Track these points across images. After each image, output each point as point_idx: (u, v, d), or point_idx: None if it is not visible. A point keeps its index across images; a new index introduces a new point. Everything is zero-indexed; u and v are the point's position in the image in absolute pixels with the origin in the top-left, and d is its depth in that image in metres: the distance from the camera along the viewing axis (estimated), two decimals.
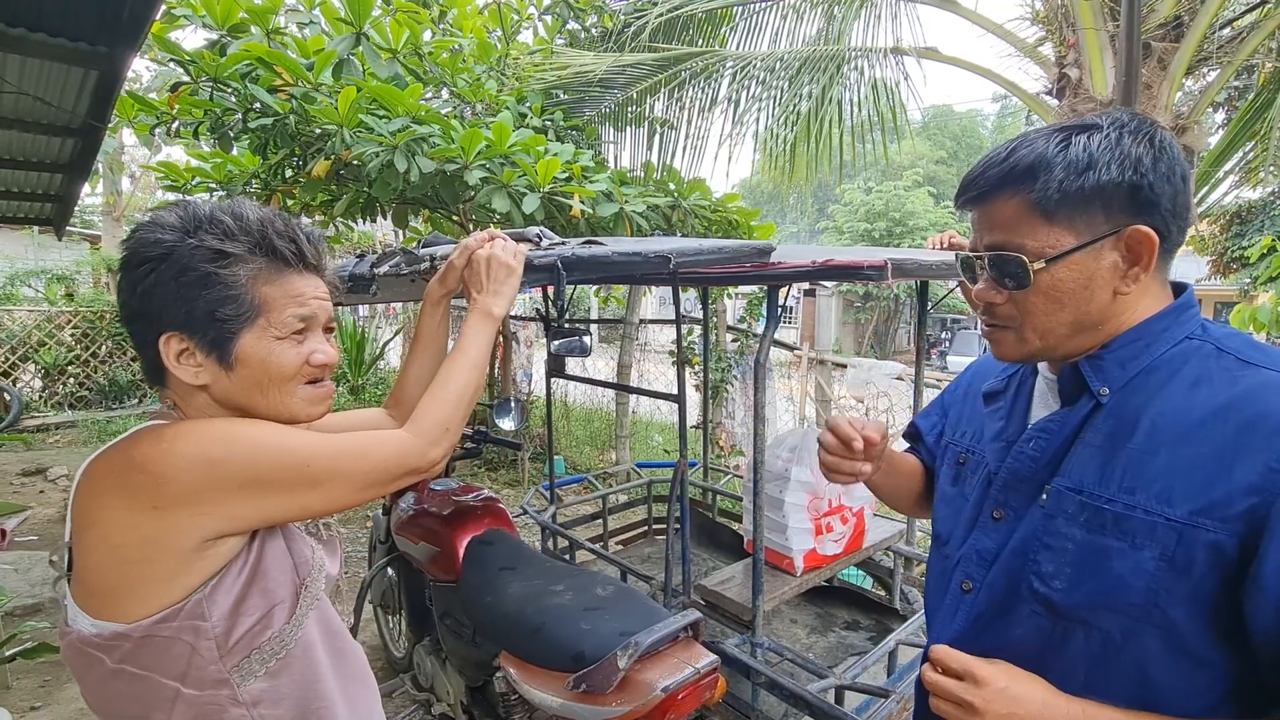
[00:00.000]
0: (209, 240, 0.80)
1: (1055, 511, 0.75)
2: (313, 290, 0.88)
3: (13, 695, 2.71)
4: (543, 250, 1.19)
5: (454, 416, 0.94)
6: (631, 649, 1.39)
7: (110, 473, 0.76)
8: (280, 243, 0.85)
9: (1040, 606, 0.75)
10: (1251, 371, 0.68)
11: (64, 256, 10.98)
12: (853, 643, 2.29)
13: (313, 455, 0.81)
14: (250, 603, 0.79)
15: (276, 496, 0.79)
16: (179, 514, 0.73)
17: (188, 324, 0.80)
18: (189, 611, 0.75)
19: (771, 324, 1.64)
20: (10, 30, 2.10)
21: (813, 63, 4.01)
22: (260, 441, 0.79)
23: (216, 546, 0.77)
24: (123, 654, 0.75)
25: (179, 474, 0.73)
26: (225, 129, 3.01)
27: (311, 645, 0.86)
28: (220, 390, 0.84)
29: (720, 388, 5.81)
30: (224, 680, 0.78)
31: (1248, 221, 9.67)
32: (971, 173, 0.79)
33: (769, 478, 2.06)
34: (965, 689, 0.72)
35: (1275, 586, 0.61)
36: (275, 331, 0.84)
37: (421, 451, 0.90)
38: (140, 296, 0.80)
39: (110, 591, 0.74)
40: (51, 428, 7.58)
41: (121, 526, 0.73)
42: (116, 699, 0.78)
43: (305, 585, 0.86)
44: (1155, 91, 3.32)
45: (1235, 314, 3.26)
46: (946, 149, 27.19)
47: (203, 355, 0.82)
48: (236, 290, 0.81)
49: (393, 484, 0.89)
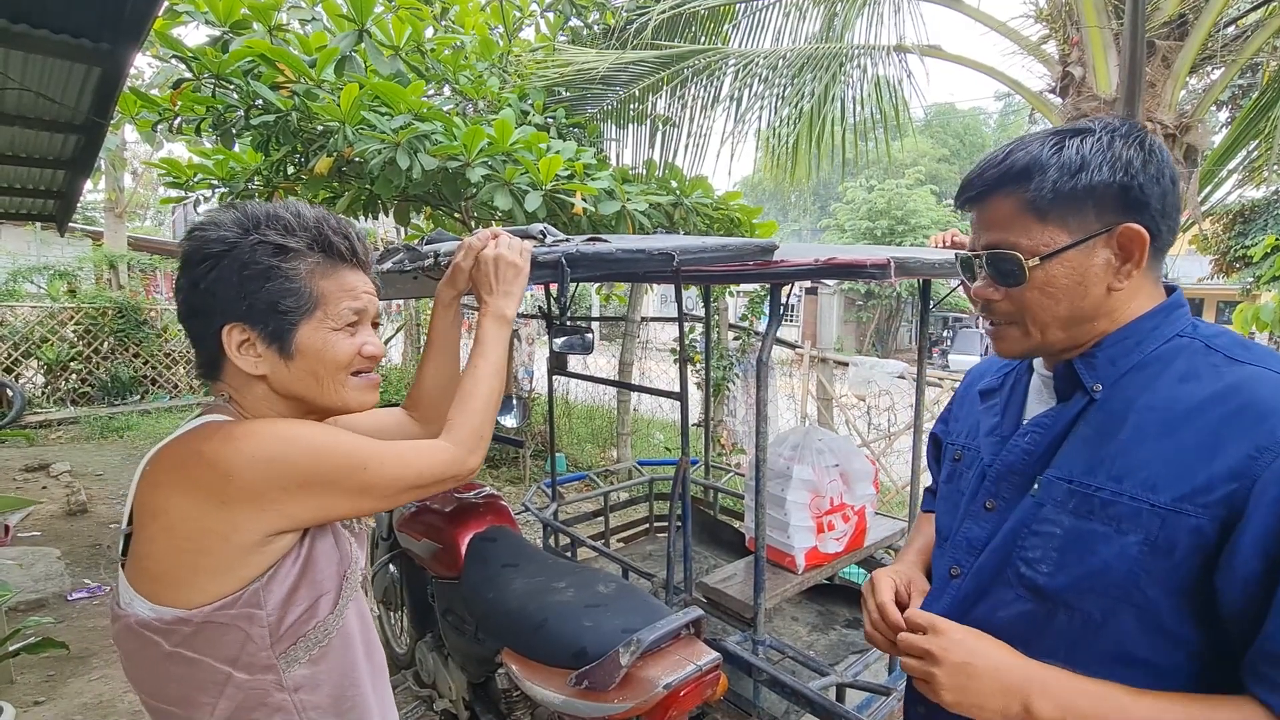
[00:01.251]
0: (271, 235, 0.84)
1: (1045, 500, 0.78)
2: (363, 285, 0.93)
3: (16, 690, 2.73)
4: (547, 247, 1.19)
5: (486, 423, 1.00)
6: (633, 646, 1.39)
7: (178, 466, 0.78)
8: (335, 239, 0.89)
9: (1025, 590, 0.78)
10: (1237, 368, 0.72)
11: (66, 253, 10.99)
12: (854, 641, 2.29)
13: (367, 459, 0.85)
14: (300, 593, 0.83)
15: (333, 497, 0.83)
16: (243, 510, 0.77)
17: (249, 315, 0.84)
18: (246, 600, 0.79)
19: (773, 322, 1.63)
20: (13, 26, 2.10)
21: (815, 60, 4.00)
22: (322, 444, 0.83)
23: (274, 542, 0.80)
24: (180, 638, 0.78)
25: (245, 472, 0.76)
26: (227, 126, 3.01)
27: (350, 635, 0.90)
28: (278, 380, 0.87)
29: (722, 386, 5.81)
30: (272, 666, 0.82)
31: (1251, 220, 9.64)
32: (970, 174, 0.82)
33: (771, 476, 2.06)
34: (926, 639, 0.77)
35: (1244, 565, 0.64)
36: (331, 323, 0.88)
37: (462, 460, 0.95)
38: (202, 292, 0.84)
39: (171, 578, 0.77)
40: (54, 424, 7.60)
41: (186, 518, 0.76)
42: (168, 680, 0.80)
43: (347, 577, 0.90)
44: (1159, 90, 3.31)
45: (1238, 313, 3.25)
46: (949, 147, 27.14)
47: (263, 346, 0.85)
48: (296, 283, 0.85)
49: (434, 489, 0.93)
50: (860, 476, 2.17)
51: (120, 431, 7.50)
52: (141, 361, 8.78)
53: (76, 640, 3.07)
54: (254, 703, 0.81)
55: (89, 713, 2.62)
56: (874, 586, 0.95)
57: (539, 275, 1.16)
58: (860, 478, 2.17)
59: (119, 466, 6.21)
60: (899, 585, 0.95)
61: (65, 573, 3.74)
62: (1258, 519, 0.64)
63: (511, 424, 2.41)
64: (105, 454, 6.67)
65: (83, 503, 4.93)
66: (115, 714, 2.62)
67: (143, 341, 8.73)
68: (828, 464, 2.08)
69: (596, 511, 3.13)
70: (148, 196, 17.02)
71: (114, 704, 2.67)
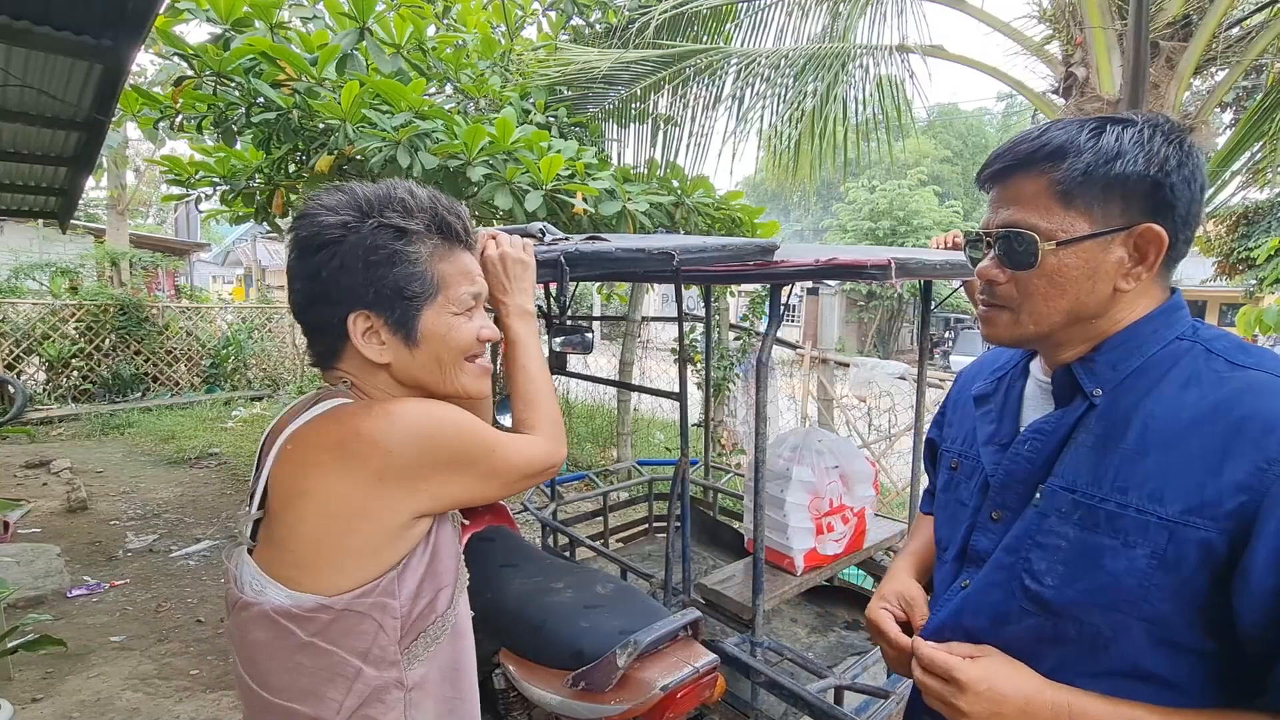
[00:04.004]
0: (392, 218, 0.82)
1: (1049, 510, 0.76)
2: (477, 268, 0.92)
3: (14, 687, 2.72)
4: (546, 245, 1.19)
5: (559, 415, 1.02)
6: (631, 647, 1.39)
7: (331, 444, 0.77)
8: (451, 219, 0.87)
9: (1032, 604, 0.76)
10: (1240, 373, 0.70)
11: (68, 249, 11.00)
12: (853, 643, 2.29)
13: (495, 444, 0.86)
14: (425, 584, 0.82)
15: (470, 479, 0.83)
16: (398, 488, 0.77)
17: (376, 302, 0.81)
18: (384, 589, 0.78)
19: (774, 322, 1.63)
20: (15, 23, 2.10)
21: (818, 60, 3.99)
22: (464, 424, 0.83)
23: (416, 525, 0.80)
24: (318, 626, 0.76)
25: (405, 447, 0.76)
26: (229, 123, 3.01)
27: (461, 632, 0.90)
28: (401, 367, 0.86)
29: (722, 386, 5.80)
30: (396, 662, 0.80)
31: (1254, 223, 9.61)
32: (1000, 148, 0.80)
33: (770, 477, 2.05)
34: (951, 693, 0.75)
35: (1261, 582, 0.62)
36: (454, 307, 0.86)
37: (556, 451, 0.98)
38: (324, 280, 0.81)
39: (315, 562, 0.76)
40: (55, 421, 7.61)
41: (342, 497, 0.75)
42: (296, 672, 0.78)
43: (460, 569, 0.90)
44: (1163, 91, 3.30)
45: (1241, 316, 3.24)
46: (952, 148, 27.09)
47: (388, 333, 0.83)
48: (420, 267, 0.83)
49: (539, 479, 0.97)
50: (860, 478, 2.16)
51: (121, 429, 7.51)
52: (143, 359, 8.79)
53: (75, 637, 3.07)
54: (373, 700, 0.79)
55: (87, 710, 2.62)
56: (879, 625, 0.94)
57: (539, 274, 1.15)
58: (860, 479, 2.16)
59: (119, 464, 6.22)
60: (895, 612, 0.95)
61: (65, 570, 3.74)
62: (1270, 534, 0.62)
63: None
64: (106, 451, 6.67)
65: (83, 500, 4.93)
66: (113, 711, 2.62)
67: (144, 339, 8.74)
68: (827, 465, 2.08)
69: (596, 511, 3.12)
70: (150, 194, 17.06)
71: (112, 701, 2.67)
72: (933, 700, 0.78)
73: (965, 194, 24.74)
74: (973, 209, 23.70)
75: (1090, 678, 0.72)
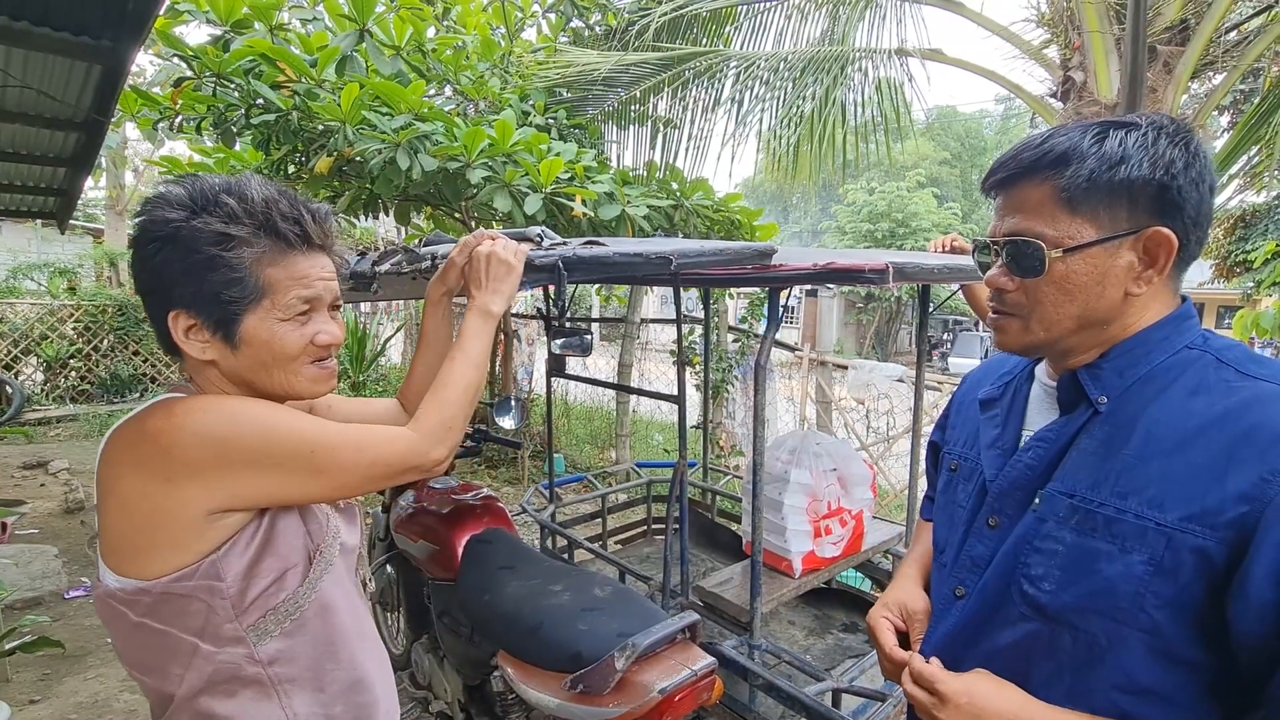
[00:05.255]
0: (214, 224, 0.81)
1: (1046, 515, 0.76)
2: (318, 271, 0.88)
3: (12, 688, 2.72)
4: (544, 250, 1.19)
5: (456, 416, 0.95)
6: (629, 650, 1.39)
7: (128, 444, 0.78)
8: (284, 225, 0.84)
9: (1029, 609, 0.76)
10: (1250, 383, 0.69)
11: (67, 250, 10.98)
12: (850, 645, 2.29)
13: (318, 443, 0.83)
14: (263, 565, 0.82)
15: (280, 478, 0.81)
16: (187, 486, 0.76)
17: (195, 303, 0.82)
18: (204, 572, 0.79)
19: (772, 325, 1.63)
20: (14, 24, 2.10)
21: (817, 63, 4.00)
22: (270, 424, 0.81)
23: (224, 518, 0.80)
24: (144, 608, 0.79)
25: (187, 449, 0.76)
26: (228, 124, 3.01)
27: (328, 609, 0.89)
28: (228, 367, 0.86)
29: (721, 388, 5.80)
30: (240, 638, 0.82)
31: (1252, 225, 9.63)
32: (1003, 156, 0.79)
33: (768, 479, 2.05)
34: (934, 705, 0.76)
35: (1258, 594, 0.62)
36: (279, 313, 0.84)
37: (425, 451, 0.91)
38: (150, 273, 0.82)
39: (129, 551, 0.79)
40: (53, 421, 7.60)
41: (135, 494, 0.77)
42: (141, 650, 0.82)
43: (320, 550, 0.89)
44: (1160, 95, 3.31)
45: (1238, 319, 3.24)
46: (951, 150, 27.11)
47: (209, 333, 0.83)
48: (240, 273, 0.82)
49: (395, 479, 0.91)
50: (858, 481, 2.17)
51: None
52: (141, 359, 8.78)
53: (73, 639, 3.06)
54: (226, 675, 0.82)
55: (84, 711, 2.61)
56: (876, 633, 0.95)
57: (537, 279, 1.16)
58: (858, 482, 2.17)
59: None
60: (895, 622, 0.95)
61: (62, 571, 3.74)
62: (1271, 545, 0.61)
63: (510, 425, 2.40)
64: None
65: (80, 500, 4.92)
66: (111, 713, 2.61)
67: (142, 339, 8.73)
68: (825, 468, 2.08)
69: (594, 513, 3.12)
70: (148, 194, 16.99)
71: (109, 703, 2.67)
72: (919, 711, 0.79)
73: (964, 196, 24.78)
74: (971, 211, 23.73)
75: (1086, 691, 0.71)
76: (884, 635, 0.93)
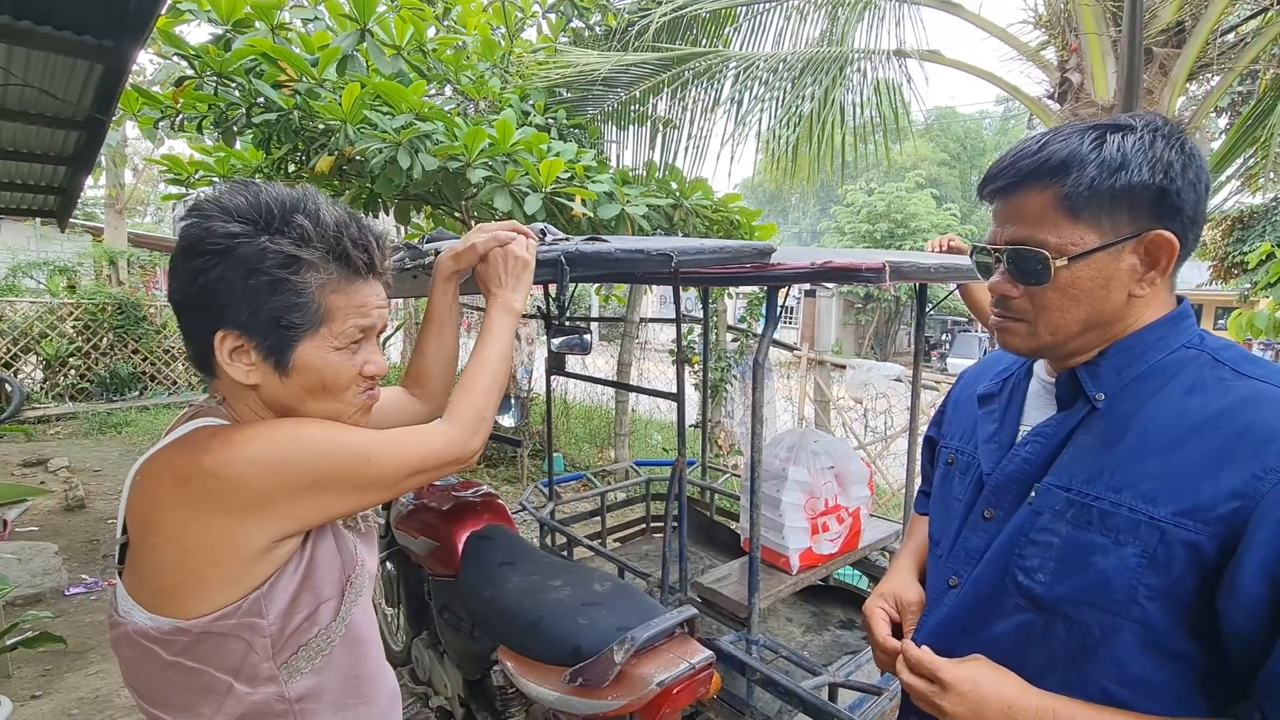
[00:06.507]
0: (285, 245, 0.77)
1: (1042, 508, 0.77)
2: (375, 300, 0.86)
3: (14, 684, 2.73)
4: (546, 245, 1.20)
5: (487, 407, 0.98)
6: (628, 644, 1.40)
7: (178, 480, 0.74)
8: (355, 252, 0.82)
9: (1024, 600, 0.77)
10: (1245, 383, 0.70)
11: (66, 248, 10.97)
12: (847, 641, 2.30)
13: (370, 453, 0.82)
14: (302, 600, 0.80)
15: (340, 494, 0.80)
16: (250, 518, 0.74)
17: (249, 325, 0.77)
18: (247, 609, 0.76)
19: (771, 324, 1.65)
20: (17, 23, 2.11)
21: (816, 64, 4.01)
22: (325, 441, 0.79)
23: (279, 547, 0.78)
24: (180, 648, 0.75)
25: (250, 479, 0.73)
26: (229, 124, 3.02)
27: (356, 640, 0.87)
28: (270, 392, 0.82)
29: (720, 387, 5.82)
30: (274, 677, 0.79)
31: (1249, 227, 9.66)
32: (1000, 162, 0.78)
33: (766, 477, 2.07)
34: (936, 693, 0.76)
35: (1249, 589, 0.63)
36: (335, 342, 0.82)
37: (464, 442, 0.93)
38: (201, 288, 0.76)
39: (175, 590, 0.75)
40: (52, 419, 7.60)
41: (193, 531, 0.73)
42: (167, 689, 0.78)
43: (350, 581, 0.86)
44: (1157, 96, 3.33)
45: (1233, 320, 3.27)
46: (949, 151, 27.16)
47: (258, 356, 0.79)
48: (305, 298, 0.78)
49: (438, 474, 0.91)
50: (855, 478, 2.18)
51: (119, 427, 7.50)
52: (140, 358, 8.78)
53: (74, 635, 3.07)
54: (254, 714, 0.79)
55: (86, 707, 2.63)
56: (870, 623, 0.95)
57: (539, 274, 1.17)
58: (855, 480, 2.18)
59: (117, 462, 6.21)
60: (889, 613, 0.96)
61: (63, 568, 3.75)
62: (1261, 541, 0.62)
63: (510, 423, 2.42)
64: (103, 449, 6.67)
65: (81, 498, 4.93)
66: (112, 709, 2.62)
67: (142, 338, 8.74)
68: (823, 466, 2.09)
69: (593, 511, 3.14)
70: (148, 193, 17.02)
71: (110, 699, 2.68)
72: (919, 700, 0.79)
73: (963, 197, 24.82)
74: (970, 211, 23.76)
75: (1079, 681, 0.72)
76: (878, 625, 0.94)
